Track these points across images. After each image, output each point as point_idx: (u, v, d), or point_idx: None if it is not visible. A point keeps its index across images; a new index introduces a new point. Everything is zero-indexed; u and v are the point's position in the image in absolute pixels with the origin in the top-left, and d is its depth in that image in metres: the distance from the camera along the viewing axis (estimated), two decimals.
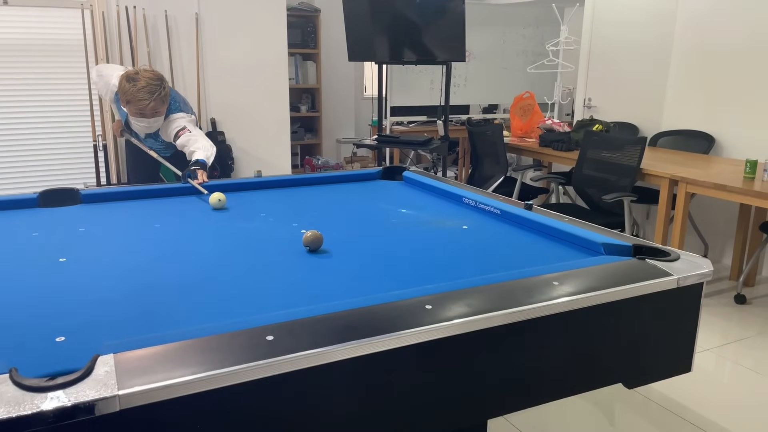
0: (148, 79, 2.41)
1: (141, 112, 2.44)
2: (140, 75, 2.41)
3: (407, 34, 4.30)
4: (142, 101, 2.39)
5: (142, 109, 2.42)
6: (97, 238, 1.61)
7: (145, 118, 2.48)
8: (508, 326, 1.09)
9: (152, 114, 2.46)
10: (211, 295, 1.21)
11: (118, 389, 0.81)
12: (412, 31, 4.27)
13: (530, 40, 5.90)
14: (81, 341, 1.00)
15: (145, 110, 2.42)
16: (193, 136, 2.54)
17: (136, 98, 2.38)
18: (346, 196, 2.18)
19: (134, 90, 2.37)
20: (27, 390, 0.80)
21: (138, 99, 2.38)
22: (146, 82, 2.39)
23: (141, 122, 2.51)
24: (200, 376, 0.85)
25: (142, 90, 2.37)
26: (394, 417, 1.03)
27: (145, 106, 2.40)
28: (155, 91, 2.40)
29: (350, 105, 7.34)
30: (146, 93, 2.38)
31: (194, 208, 1.98)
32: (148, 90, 2.38)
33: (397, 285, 1.24)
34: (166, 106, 2.53)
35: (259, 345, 0.93)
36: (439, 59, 4.26)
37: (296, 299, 1.18)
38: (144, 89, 2.38)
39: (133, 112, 2.45)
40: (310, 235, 1.50)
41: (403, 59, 4.36)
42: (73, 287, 1.25)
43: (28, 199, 1.92)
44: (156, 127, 2.58)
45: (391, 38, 4.35)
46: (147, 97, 2.38)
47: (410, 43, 4.32)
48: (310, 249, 1.50)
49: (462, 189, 2.12)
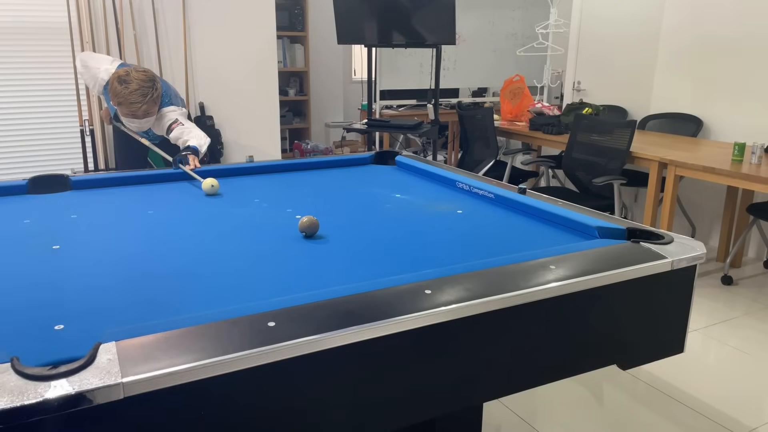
0: (140, 81, 2.37)
1: (133, 114, 2.41)
2: (131, 76, 2.37)
3: (397, 16, 4.26)
4: (134, 104, 2.37)
5: (135, 112, 2.40)
6: (89, 225, 1.60)
7: (136, 119, 2.45)
8: (507, 310, 1.10)
9: (144, 115, 2.44)
10: (209, 282, 1.21)
11: (122, 377, 0.81)
12: (401, 13, 4.24)
13: (519, 22, 5.87)
14: (80, 329, 1.00)
15: (138, 113, 2.40)
16: (186, 128, 2.52)
17: (128, 101, 2.36)
18: (339, 181, 2.18)
19: (126, 93, 2.35)
20: (30, 379, 0.79)
21: (130, 102, 2.36)
22: (138, 85, 2.36)
23: (132, 123, 2.49)
24: (203, 362, 0.85)
25: (134, 93, 2.35)
26: (393, 400, 1.04)
27: (137, 109, 2.38)
28: (147, 94, 2.38)
29: (339, 88, 7.29)
30: (138, 96, 2.36)
31: (187, 193, 1.97)
32: (140, 93, 2.36)
33: (396, 270, 1.25)
34: (157, 106, 2.51)
35: (261, 331, 0.93)
36: (429, 42, 4.23)
37: (295, 285, 1.18)
38: (136, 92, 2.35)
39: (125, 113, 2.43)
40: (306, 220, 1.50)
41: (393, 42, 4.33)
42: (70, 275, 1.24)
43: (17, 186, 1.90)
44: (147, 126, 2.56)
45: (381, 21, 4.31)
46: (139, 100, 2.36)
47: (400, 25, 4.29)
48: (306, 234, 1.50)
49: (455, 173, 2.12)
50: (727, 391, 2.32)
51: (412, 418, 1.08)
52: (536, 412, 2.16)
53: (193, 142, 2.36)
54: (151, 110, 2.45)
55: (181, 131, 2.51)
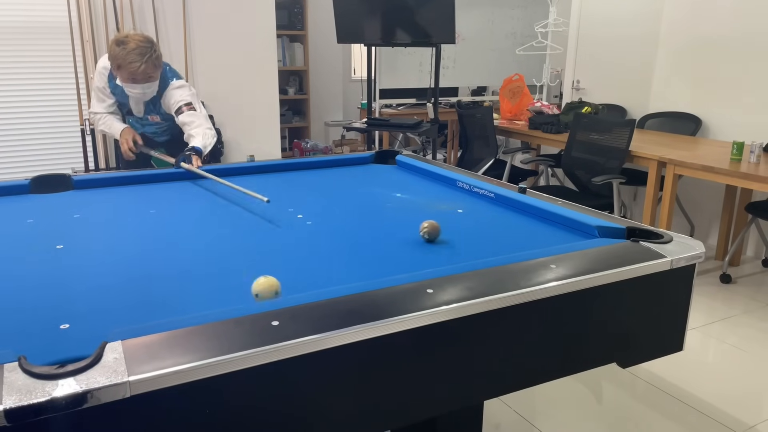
0: (138, 41, 2.31)
1: (132, 77, 2.35)
2: (130, 38, 2.31)
3: (397, 15, 4.27)
4: (132, 63, 2.29)
5: (134, 73, 2.32)
6: (92, 225, 1.61)
7: (137, 84, 2.38)
8: (508, 309, 1.11)
9: (144, 78, 2.37)
10: (212, 281, 1.22)
11: (128, 375, 0.82)
12: (401, 12, 4.24)
13: (519, 21, 5.88)
14: (86, 328, 1.01)
15: (137, 74, 2.33)
16: (197, 118, 2.47)
17: (127, 61, 2.28)
18: (340, 181, 2.18)
19: (124, 53, 2.28)
20: (37, 378, 0.80)
21: (128, 62, 2.29)
22: (136, 44, 2.29)
23: (134, 89, 2.41)
24: (209, 361, 0.86)
25: (132, 52, 2.28)
26: (395, 399, 1.05)
27: (136, 69, 2.30)
28: (146, 53, 2.30)
29: (338, 87, 7.29)
30: (136, 55, 2.28)
31: (189, 193, 1.97)
32: (138, 52, 2.29)
33: (397, 269, 1.26)
34: (159, 71, 2.44)
35: (265, 330, 0.94)
36: (429, 41, 4.24)
37: (298, 284, 1.19)
38: (134, 51, 2.28)
39: (125, 77, 2.36)
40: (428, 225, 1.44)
41: (393, 41, 4.33)
42: (74, 274, 1.25)
43: (20, 185, 1.91)
44: (150, 94, 2.49)
45: (381, 20, 4.32)
46: (137, 59, 2.29)
47: (400, 24, 4.29)
48: (428, 239, 1.45)
49: (455, 172, 2.13)
50: (725, 388, 2.33)
51: (413, 417, 1.09)
52: (536, 410, 2.18)
53: (198, 141, 2.35)
54: (151, 73, 2.37)
55: (191, 120, 2.46)
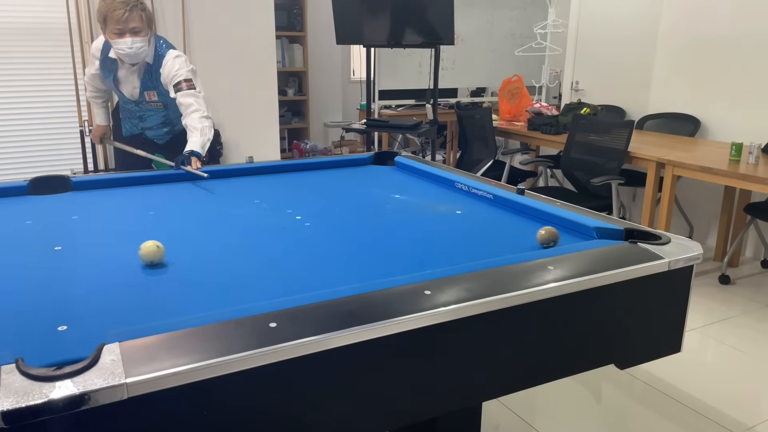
0: None
1: (119, 29, 2.29)
2: None
3: (396, 17, 4.27)
4: (116, 11, 2.24)
5: (118, 22, 2.26)
6: (91, 226, 1.60)
7: (124, 38, 2.32)
8: (506, 310, 1.11)
9: (131, 32, 2.31)
10: (210, 283, 1.22)
11: (126, 377, 0.82)
12: (400, 13, 4.25)
13: (518, 22, 5.89)
14: (83, 330, 1.01)
15: (121, 22, 2.27)
16: (197, 102, 2.42)
17: (111, 9, 2.24)
18: (338, 182, 2.18)
19: (109, 1, 2.25)
20: (34, 380, 0.80)
21: (113, 9, 2.24)
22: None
23: (122, 46, 2.33)
24: (207, 363, 0.86)
25: (109, 7, 2.25)
26: (394, 399, 1.05)
27: (120, 16, 2.25)
28: (130, 2, 2.26)
29: (337, 88, 7.29)
30: (121, 3, 2.25)
31: (188, 194, 1.97)
32: (123, 1, 2.26)
33: (396, 270, 1.26)
34: (148, 30, 2.38)
35: (264, 332, 0.94)
36: (428, 42, 4.24)
37: (295, 286, 1.19)
38: (110, 6, 2.25)
39: (111, 30, 2.30)
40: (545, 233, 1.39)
41: (392, 42, 4.33)
42: (72, 276, 1.25)
43: (18, 187, 1.91)
44: (141, 55, 2.41)
45: (380, 21, 4.32)
46: (121, 7, 2.25)
47: (399, 26, 4.29)
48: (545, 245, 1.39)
49: (454, 174, 2.13)
50: (724, 389, 2.33)
51: (413, 417, 1.09)
52: (534, 411, 2.18)
53: (196, 143, 2.32)
54: (138, 25, 2.32)
55: (190, 103, 2.40)
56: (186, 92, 2.42)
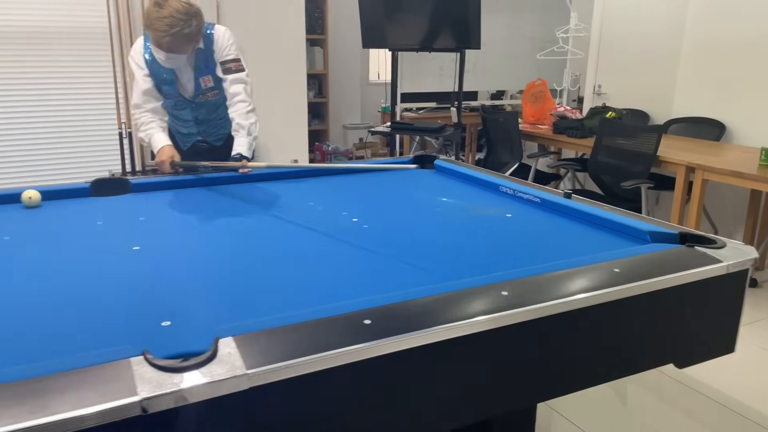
0: (175, 9, 2.08)
1: (157, 43, 2.15)
2: (168, 3, 2.09)
3: (422, 20, 4.33)
4: (158, 32, 2.08)
5: (158, 40, 2.12)
6: (161, 226, 1.67)
7: (161, 51, 2.21)
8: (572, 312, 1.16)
9: (168, 49, 2.17)
10: (290, 281, 1.28)
11: (246, 369, 0.88)
12: (427, 17, 4.31)
13: (538, 26, 5.93)
14: (186, 325, 1.07)
15: (161, 42, 2.13)
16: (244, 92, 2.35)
17: (153, 27, 2.09)
18: (383, 185, 2.24)
19: (155, 16, 2.08)
20: (164, 370, 0.87)
21: (155, 28, 2.08)
22: (170, 13, 2.07)
23: (159, 54, 2.24)
24: (317, 356, 0.92)
25: (162, 20, 2.06)
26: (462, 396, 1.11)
27: (160, 38, 2.10)
28: (175, 26, 2.07)
29: (357, 91, 7.36)
30: (165, 25, 2.07)
31: (240, 195, 2.03)
32: (168, 23, 2.06)
33: (469, 271, 1.31)
34: (189, 46, 2.22)
35: (360, 328, 1.00)
36: (454, 46, 4.30)
37: (375, 286, 1.25)
38: (165, 20, 2.06)
39: (151, 39, 2.17)
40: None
41: (418, 46, 4.39)
42: (158, 274, 1.32)
43: (81, 189, 1.98)
44: (176, 64, 2.32)
45: (406, 25, 4.38)
46: (165, 30, 2.08)
47: (425, 29, 4.35)
48: None
49: (497, 177, 2.19)
50: (755, 388, 2.38)
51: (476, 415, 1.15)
52: (558, 402, 2.23)
53: (244, 145, 2.31)
54: (178, 47, 2.17)
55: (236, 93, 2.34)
56: (235, 76, 2.35)
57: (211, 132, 2.62)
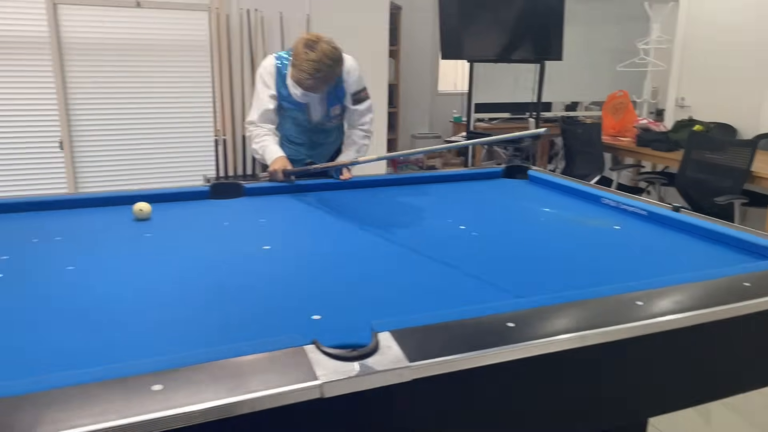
0: (324, 54, 2.13)
1: (298, 81, 2.22)
2: (319, 47, 2.13)
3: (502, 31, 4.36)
4: (303, 73, 2.15)
5: (301, 81, 2.20)
6: (283, 228, 1.78)
7: (300, 89, 2.27)
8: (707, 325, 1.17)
9: (307, 89, 2.24)
10: (420, 284, 1.34)
11: (409, 361, 0.94)
12: (507, 28, 4.33)
13: (617, 37, 5.83)
14: (335, 319, 1.15)
15: (303, 83, 2.20)
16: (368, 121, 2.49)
17: (300, 67, 2.15)
18: (479, 194, 2.29)
19: (303, 58, 2.13)
20: (336, 359, 0.94)
21: (301, 69, 2.15)
22: (318, 57, 2.12)
23: (296, 90, 2.30)
24: (473, 354, 0.97)
25: (309, 62, 2.12)
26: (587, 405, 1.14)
27: (303, 79, 2.17)
28: (321, 70, 2.14)
29: (426, 101, 7.44)
30: (312, 68, 2.13)
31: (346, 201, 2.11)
32: (314, 67, 2.12)
33: (599, 281, 1.34)
34: (328, 86, 2.30)
35: (504, 330, 1.05)
36: (534, 57, 4.31)
37: (507, 291, 1.30)
38: (312, 63, 2.12)
39: (292, 75, 2.24)
40: None
41: (496, 57, 4.43)
42: (294, 273, 1.41)
43: (201, 191, 2.11)
44: (310, 100, 2.38)
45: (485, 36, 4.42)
46: (310, 72, 2.14)
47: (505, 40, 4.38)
48: None
49: (597, 189, 2.19)
50: None
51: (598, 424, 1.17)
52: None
53: (350, 157, 2.41)
54: (317, 88, 2.24)
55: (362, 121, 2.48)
56: (365, 105, 2.48)
57: (318, 154, 2.64)
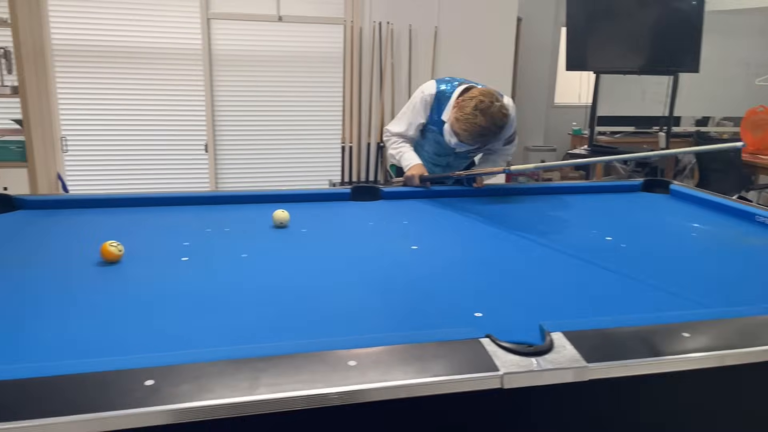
0: (492, 123, 2.12)
1: (456, 134, 2.21)
2: (489, 112, 2.10)
3: (631, 42, 4.20)
4: (465, 132, 2.15)
5: (460, 136, 2.19)
6: (426, 229, 1.85)
7: (456, 139, 2.23)
8: None
9: (464, 141, 2.22)
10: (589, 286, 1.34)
11: (587, 362, 0.95)
12: (637, 38, 4.17)
13: (755, 50, 5.44)
14: (498, 318, 1.18)
15: (461, 137, 2.19)
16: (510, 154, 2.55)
17: (463, 126, 2.14)
18: (621, 207, 2.23)
19: (471, 120, 2.11)
20: (514, 353, 0.97)
21: (464, 129, 2.14)
22: (487, 125, 2.12)
23: (452, 138, 2.25)
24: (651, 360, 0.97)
25: (475, 125, 2.11)
26: None
27: (464, 136, 2.18)
28: (484, 134, 2.15)
29: (542, 113, 7.30)
30: (477, 133, 2.14)
31: (491, 209, 2.14)
32: (479, 132, 2.13)
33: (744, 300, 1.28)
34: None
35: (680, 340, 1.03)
36: (667, 69, 4.12)
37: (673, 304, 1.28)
38: (477, 128, 2.12)
39: (453, 123, 2.21)
40: None
41: (626, 69, 4.28)
42: (446, 272, 1.46)
43: (343, 193, 2.23)
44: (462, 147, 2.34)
45: (614, 46, 4.28)
46: (472, 134, 2.15)
47: (634, 51, 4.22)
48: None
49: (749, 206, 2.07)
50: None
51: None
52: None
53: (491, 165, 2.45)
54: (473, 143, 2.24)
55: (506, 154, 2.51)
56: (514, 144, 2.52)
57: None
